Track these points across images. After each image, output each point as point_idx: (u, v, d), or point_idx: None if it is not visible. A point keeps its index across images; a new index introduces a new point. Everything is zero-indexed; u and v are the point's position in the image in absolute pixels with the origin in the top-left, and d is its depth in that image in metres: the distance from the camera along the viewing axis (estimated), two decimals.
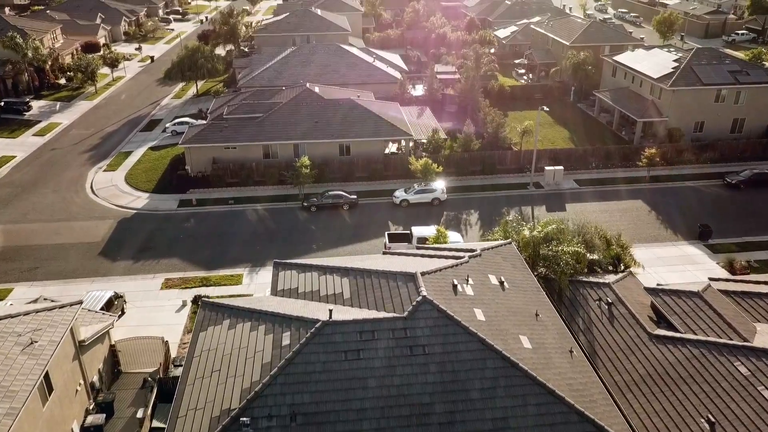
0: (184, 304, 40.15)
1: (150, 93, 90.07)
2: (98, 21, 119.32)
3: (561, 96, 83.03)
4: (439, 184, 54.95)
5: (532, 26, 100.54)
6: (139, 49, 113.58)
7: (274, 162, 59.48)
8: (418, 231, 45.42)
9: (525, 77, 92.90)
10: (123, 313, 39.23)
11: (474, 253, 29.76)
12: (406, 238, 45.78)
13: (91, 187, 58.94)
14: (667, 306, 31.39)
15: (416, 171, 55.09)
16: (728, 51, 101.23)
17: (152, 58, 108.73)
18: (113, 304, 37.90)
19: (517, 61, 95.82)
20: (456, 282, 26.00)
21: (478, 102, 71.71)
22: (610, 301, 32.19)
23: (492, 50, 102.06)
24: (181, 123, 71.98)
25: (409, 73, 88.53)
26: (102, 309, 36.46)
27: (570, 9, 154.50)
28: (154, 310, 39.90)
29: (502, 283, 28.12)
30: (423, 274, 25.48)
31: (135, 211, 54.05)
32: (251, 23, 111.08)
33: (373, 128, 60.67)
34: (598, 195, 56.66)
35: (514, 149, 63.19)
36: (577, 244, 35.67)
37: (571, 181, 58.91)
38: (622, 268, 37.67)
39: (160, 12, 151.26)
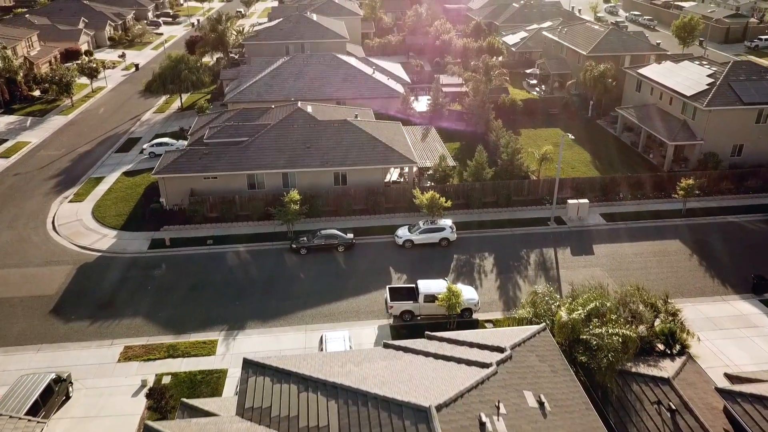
0: (143, 385, 33.20)
1: (131, 106, 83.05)
2: (81, 26, 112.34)
3: (578, 111, 75.93)
4: (448, 222, 47.93)
5: (543, 32, 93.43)
6: (122, 56, 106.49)
7: (260, 193, 52.57)
8: (424, 287, 38.46)
9: (537, 89, 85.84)
10: (67, 398, 32.30)
11: (503, 356, 22.80)
12: (411, 294, 38.85)
13: (53, 223, 51.97)
14: (749, 417, 24.43)
15: (421, 206, 48.16)
16: (753, 58, 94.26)
17: (137, 66, 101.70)
18: (54, 392, 30.95)
19: (528, 71, 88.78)
20: (483, 417, 19.05)
21: (489, 121, 64.63)
22: (672, 407, 25.30)
23: (500, 58, 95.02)
24: (160, 144, 65.00)
25: (412, 84, 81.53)
26: (38, 400, 29.58)
27: (579, 11, 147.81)
28: (106, 393, 32.93)
29: (542, 404, 21.16)
30: (439, 408, 18.54)
31: (99, 254, 47.06)
32: (243, 28, 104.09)
33: (371, 154, 53.69)
34: (628, 233, 49.65)
35: (532, 177, 56.19)
36: (623, 324, 28.68)
37: (596, 216, 51.92)
38: (678, 348, 30.72)
39: (150, 15, 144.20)
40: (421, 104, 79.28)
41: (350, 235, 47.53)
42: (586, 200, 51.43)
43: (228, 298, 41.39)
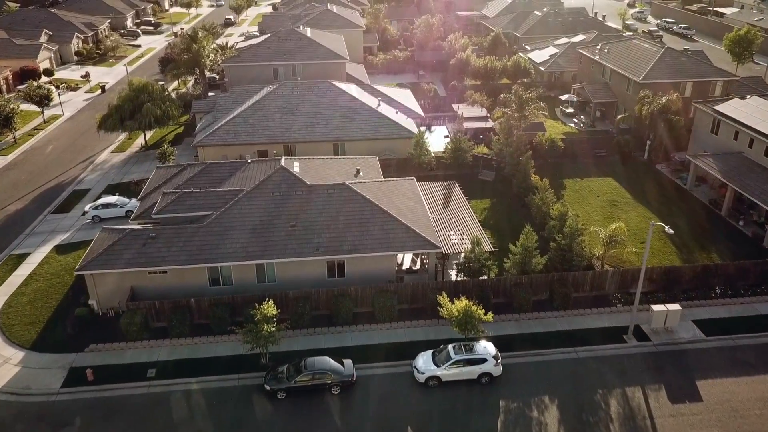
0: None
1: (87, 142, 68.78)
2: (42, 39, 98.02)
3: (631, 152, 61.52)
4: (489, 349, 33.62)
5: (578, 50, 78.99)
6: (86, 76, 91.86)
7: (225, 292, 38.43)
8: None
9: (575, 120, 71.44)
10: None
11: None
12: None
13: None
14: None
15: (451, 321, 33.98)
16: None
17: (103, 87, 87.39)
18: None
19: (563, 98, 74.32)
20: None
21: (527, 175, 50.29)
22: None
23: (526, 80, 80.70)
24: (107, 205, 50.84)
25: (425, 115, 67.23)
26: None
27: (604, 17, 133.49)
28: None
29: None
30: None
31: None
32: (227, 43, 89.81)
33: (379, 234, 39.49)
34: (740, 356, 35.32)
35: (595, 263, 41.90)
36: None
37: (690, 326, 37.56)
38: None
39: (129, 23, 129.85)
40: (437, 138, 65.35)
41: (349, 367, 33.28)
42: (677, 306, 37.01)
43: None
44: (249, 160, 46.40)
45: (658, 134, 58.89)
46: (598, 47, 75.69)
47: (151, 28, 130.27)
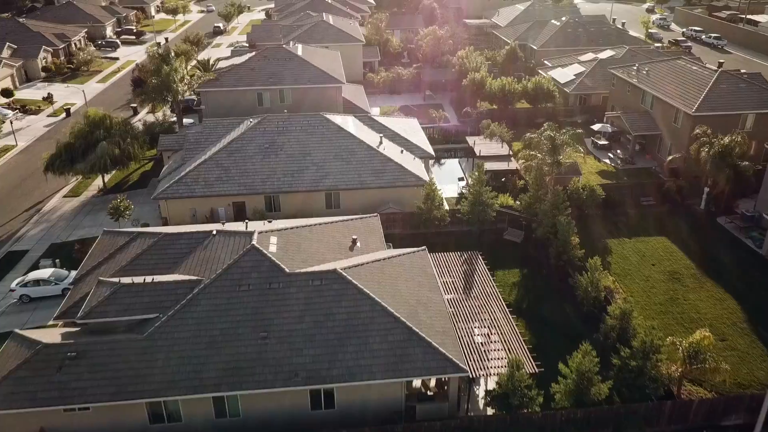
0: None
1: (37, 183, 58.22)
2: (5, 54, 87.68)
3: (683, 200, 51.09)
4: None
5: (611, 70, 68.44)
6: (48, 98, 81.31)
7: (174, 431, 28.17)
8: None
9: (610, 154, 60.94)
10: None
11: None
12: None
13: None
14: None
15: None
16: None
17: (68, 110, 76.99)
18: None
19: (595, 127, 63.70)
20: None
21: (570, 247, 39.77)
22: None
23: (549, 104, 70.31)
24: (37, 282, 40.48)
25: (435, 150, 56.90)
26: None
27: (623, 24, 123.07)
28: None
29: None
30: None
31: None
32: (208, 61, 79.41)
33: (382, 349, 29.10)
34: None
35: (670, 388, 31.32)
36: None
37: None
38: None
39: (108, 31, 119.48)
40: (448, 174, 55.21)
41: None
42: None
43: None
44: (214, 232, 35.91)
45: (720, 181, 48.40)
46: (635, 67, 65.18)
47: (133, 37, 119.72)
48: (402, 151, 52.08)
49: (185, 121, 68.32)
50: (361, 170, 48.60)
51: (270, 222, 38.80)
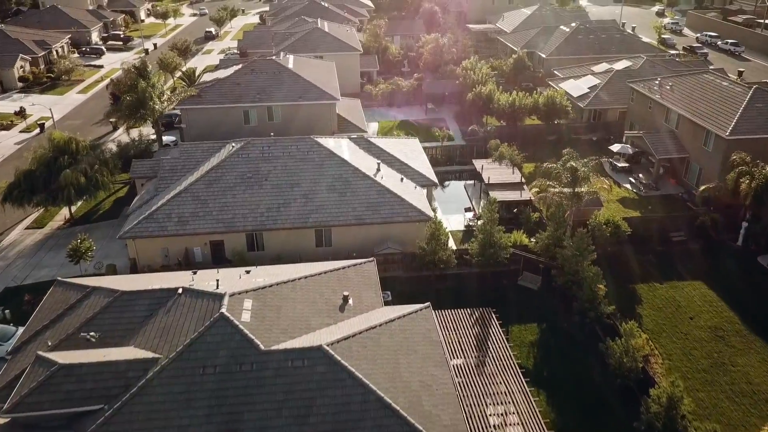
0: None
1: None
2: None
3: (718, 235, 45.49)
4: None
5: (630, 84, 62.80)
6: (20, 112, 75.53)
7: None
8: None
9: (631, 179, 55.31)
10: None
11: None
12: None
13: None
14: None
15: None
16: None
17: (42, 125, 71.39)
18: None
19: (614, 148, 57.94)
20: None
21: (597, 302, 34.16)
22: None
23: (561, 121, 64.72)
24: None
25: (439, 174, 51.41)
26: None
27: (633, 29, 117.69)
28: None
29: None
30: None
31: None
32: (194, 72, 73.79)
33: None
34: None
35: None
36: None
37: None
38: None
39: (94, 37, 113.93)
40: (452, 202, 49.92)
41: None
42: None
43: None
44: (180, 291, 30.27)
45: (763, 215, 42.79)
46: (657, 81, 59.57)
47: (120, 43, 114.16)
48: (402, 179, 46.60)
49: (167, 138, 62.77)
50: (356, 203, 43.03)
51: (248, 273, 33.30)
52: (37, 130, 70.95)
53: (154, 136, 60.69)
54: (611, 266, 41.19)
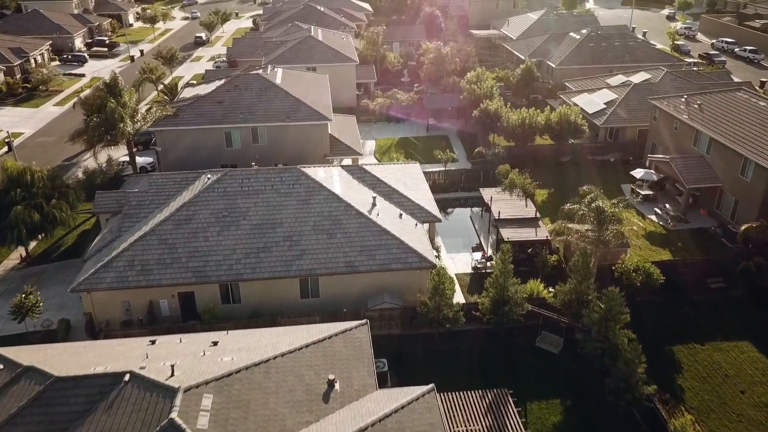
0: None
1: None
2: None
3: (763, 282, 39.70)
4: None
5: (652, 101, 57.03)
6: None
7: None
8: None
9: (657, 209, 49.57)
10: None
11: None
12: None
13: None
14: None
15: None
16: None
17: (9, 144, 65.53)
18: None
19: (636, 174, 52.09)
20: None
21: (634, 380, 28.41)
22: None
23: (575, 140, 59.05)
24: None
25: (443, 201, 45.77)
26: None
27: (644, 34, 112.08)
28: None
29: None
30: None
31: None
32: (176, 85, 67.97)
33: None
34: None
35: None
36: None
37: None
38: None
39: (78, 43, 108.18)
40: (459, 241, 44.37)
41: None
42: None
43: None
44: (126, 378, 24.54)
45: None
46: (684, 99, 53.88)
47: (105, 49, 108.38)
48: (401, 216, 40.88)
49: (142, 160, 57.19)
50: (348, 247, 37.32)
51: (215, 345, 27.70)
52: (5, 149, 65.15)
53: (127, 158, 54.97)
54: (641, 321, 35.54)
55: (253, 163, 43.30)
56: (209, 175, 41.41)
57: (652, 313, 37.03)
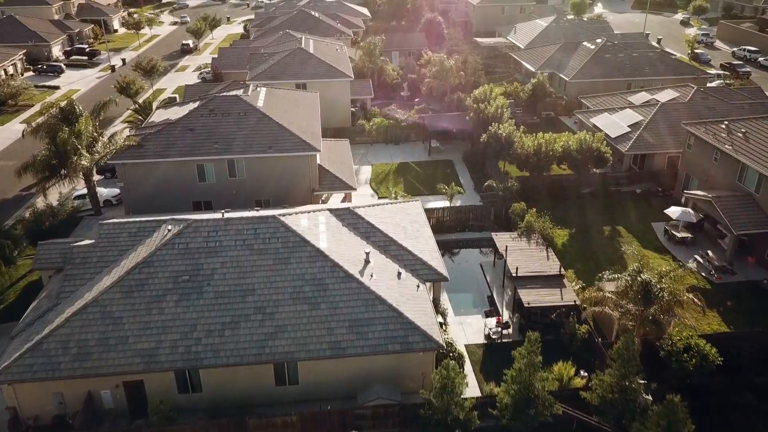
0: None
1: None
2: None
3: None
4: None
5: (685, 127, 50.02)
6: None
7: None
8: None
9: (698, 256, 42.59)
10: None
11: None
12: None
13: None
14: None
15: None
16: None
17: None
18: None
19: (672, 213, 45.00)
20: None
21: None
22: None
23: (599, 170, 52.21)
24: None
25: (448, 243, 38.90)
26: None
27: (659, 41, 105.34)
28: None
29: None
30: None
31: None
32: (148, 103, 61.08)
33: None
34: None
35: None
36: None
37: None
38: None
39: (56, 51, 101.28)
40: (467, 297, 37.71)
41: None
42: None
43: None
44: None
45: None
46: (724, 126, 46.96)
47: (85, 58, 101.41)
48: (399, 275, 34.00)
49: (107, 192, 50.50)
50: (334, 321, 30.41)
51: None
52: None
53: (83, 191, 48.13)
54: (693, 413, 28.59)
55: (234, 191, 36.35)
56: (169, 226, 34.47)
57: (705, 403, 30.11)
